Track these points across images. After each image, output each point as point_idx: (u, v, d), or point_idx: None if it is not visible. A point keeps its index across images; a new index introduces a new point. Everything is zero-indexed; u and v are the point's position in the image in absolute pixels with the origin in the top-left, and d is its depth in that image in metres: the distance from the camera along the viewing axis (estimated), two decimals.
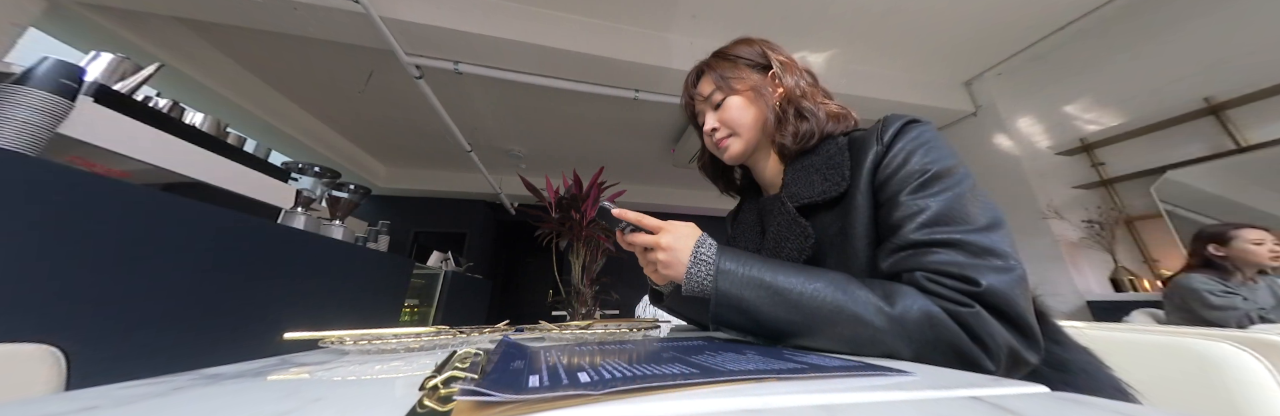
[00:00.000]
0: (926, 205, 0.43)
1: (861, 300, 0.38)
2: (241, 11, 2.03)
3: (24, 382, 0.41)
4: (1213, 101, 2.00)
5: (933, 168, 0.46)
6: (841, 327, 0.38)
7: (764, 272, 0.42)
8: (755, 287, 0.41)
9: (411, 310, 2.80)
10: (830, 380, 0.23)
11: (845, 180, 0.50)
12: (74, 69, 0.85)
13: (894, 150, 0.48)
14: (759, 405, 0.19)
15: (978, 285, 0.37)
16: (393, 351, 0.44)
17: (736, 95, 0.60)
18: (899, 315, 0.37)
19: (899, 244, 0.43)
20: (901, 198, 0.45)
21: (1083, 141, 2.50)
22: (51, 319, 0.71)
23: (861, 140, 0.52)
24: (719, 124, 0.62)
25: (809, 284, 0.40)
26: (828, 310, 0.38)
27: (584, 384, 0.20)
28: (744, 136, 0.61)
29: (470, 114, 3.43)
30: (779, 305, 0.40)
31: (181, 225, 0.93)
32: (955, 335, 0.36)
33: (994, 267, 0.39)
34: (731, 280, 0.42)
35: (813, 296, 0.39)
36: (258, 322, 1.10)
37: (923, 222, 0.42)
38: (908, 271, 0.41)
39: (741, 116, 0.60)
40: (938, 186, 0.44)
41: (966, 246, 0.40)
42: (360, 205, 1.95)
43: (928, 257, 0.41)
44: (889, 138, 0.49)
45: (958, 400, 0.20)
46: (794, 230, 0.52)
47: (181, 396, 0.23)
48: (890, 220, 0.45)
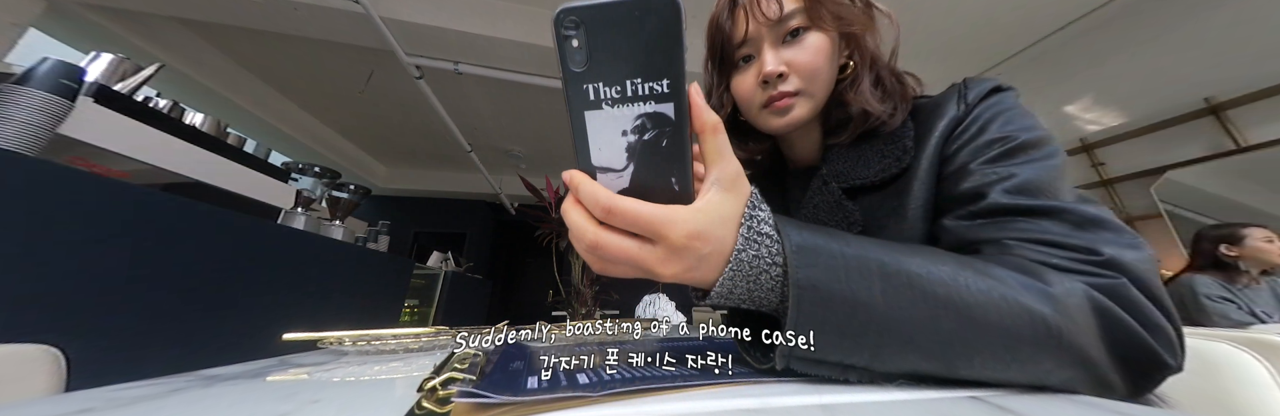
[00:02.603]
0: (1011, 172, 0.34)
1: (1011, 281, 0.25)
2: (242, 12, 2.03)
3: (24, 383, 0.41)
4: (1213, 101, 2.00)
5: (1021, 136, 0.36)
6: (1013, 332, 0.23)
7: (880, 250, 0.25)
8: (872, 277, 0.23)
9: (411, 310, 2.80)
10: (828, 380, 0.23)
11: (908, 153, 0.39)
12: (74, 69, 0.84)
13: (973, 115, 0.39)
14: (758, 405, 0.19)
15: (1099, 254, 0.28)
16: (392, 352, 0.44)
17: (822, 32, 0.42)
18: (1062, 296, 0.25)
19: (978, 209, 0.33)
20: (974, 166, 0.36)
21: (1083, 141, 2.50)
22: (51, 319, 0.71)
23: (931, 105, 0.42)
24: (787, 68, 0.41)
25: (937, 265, 0.25)
26: (987, 306, 0.23)
27: (582, 385, 0.20)
28: (817, 98, 0.43)
29: (470, 114, 3.43)
30: (918, 305, 0.23)
31: (181, 225, 0.93)
32: (1118, 317, 0.25)
33: (1114, 241, 0.29)
34: (829, 265, 0.23)
35: (959, 284, 0.24)
36: (257, 323, 1.10)
37: (1009, 188, 0.33)
38: (993, 241, 0.31)
39: (822, 66, 0.42)
40: (1023, 156, 0.35)
41: (1070, 214, 0.31)
42: (360, 205, 1.95)
43: (1021, 224, 0.31)
44: (974, 100, 0.39)
45: (958, 400, 0.20)
46: (835, 216, 0.42)
47: (180, 398, 0.23)
48: (957, 190, 0.36)
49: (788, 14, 0.41)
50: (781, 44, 0.42)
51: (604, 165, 0.22)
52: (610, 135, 0.22)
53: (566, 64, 0.21)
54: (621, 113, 0.21)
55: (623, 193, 0.22)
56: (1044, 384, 0.24)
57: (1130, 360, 0.25)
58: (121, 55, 1.08)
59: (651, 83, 0.20)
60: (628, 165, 0.22)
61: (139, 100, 1.06)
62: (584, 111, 0.21)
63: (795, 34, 0.42)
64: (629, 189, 0.23)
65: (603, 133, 0.22)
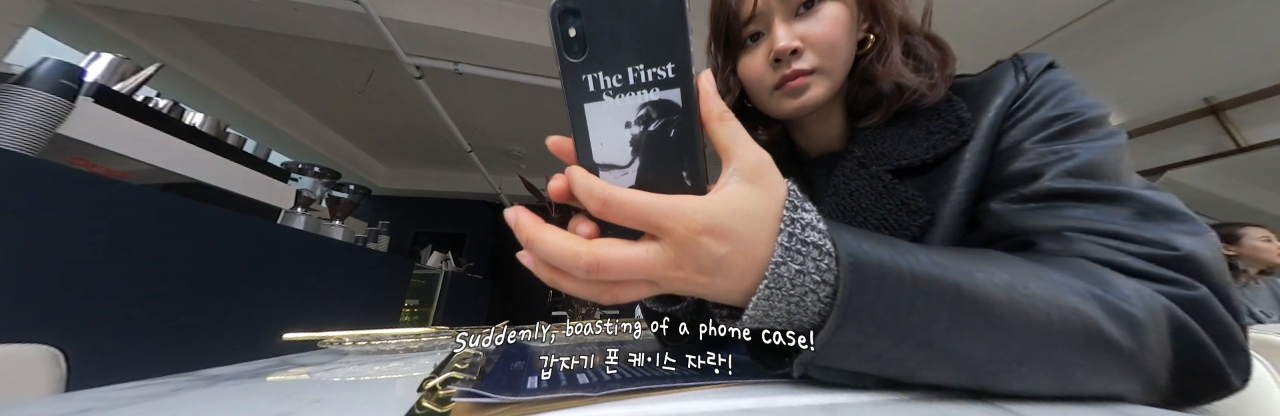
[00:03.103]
0: (1073, 151, 0.30)
1: (1086, 298, 0.22)
2: (242, 12, 2.03)
3: (24, 383, 0.41)
4: (1213, 101, 2.01)
5: (1086, 113, 0.33)
6: (1074, 360, 0.21)
7: (954, 269, 0.21)
8: (941, 308, 0.20)
9: (411, 310, 2.80)
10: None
11: (966, 126, 0.35)
12: (74, 69, 0.85)
13: (1032, 90, 0.35)
14: (759, 405, 0.19)
15: (1176, 249, 0.24)
16: (392, 352, 0.44)
17: (840, 2, 0.38)
18: (1142, 317, 0.22)
19: (1030, 192, 0.30)
20: (1028, 144, 0.32)
21: None
22: (51, 319, 0.71)
23: (982, 81, 0.38)
24: (801, 43, 0.37)
25: (1011, 278, 0.22)
26: (1055, 333, 0.20)
27: (582, 385, 0.20)
28: (835, 75, 0.39)
29: (470, 114, 3.42)
30: (979, 334, 0.20)
31: (181, 225, 0.93)
32: (1197, 340, 0.23)
33: (1187, 232, 0.26)
34: (893, 296, 0.19)
35: (1029, 305, 0.21)
36: (257, 323, 1.10)
37: (1069, 170, 0.30)
38: (1050, 232, 0.28)
39: (840, 39, 0.38)
40: (1084, 135, 0.32)
41: (1137, 201, 0.27)
42: (360, 205, 1.95)
43: (1080, 211, 0.28)
44: (1033, 73, 0.36)
45: (958, 400, 0.20)
46: (889, 203, 0.35)
47: (180, 398, 0.23)
48: (1007, 171, 0.32)
49: None
50: (794, 17, 0.38)
51: (607, 162, 0.20)
52: (613, 128, 0.20)
53: (563, 54, 0.19)
54: (624, 103, 0.19)
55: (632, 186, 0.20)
56: (1083, 395, 0.21)
57: (1194, 378, 0.23)
58: (121, 55, 1.08)
59: (656, 68, 0.19)
60: (633, 160, 0.20)
61: (139, 100, 1.06)
62: (583, 104, 0.20)
63: (809, 5, 0.37)
64: (635, 187, 0.20)
65: (604, 126, 0.20)
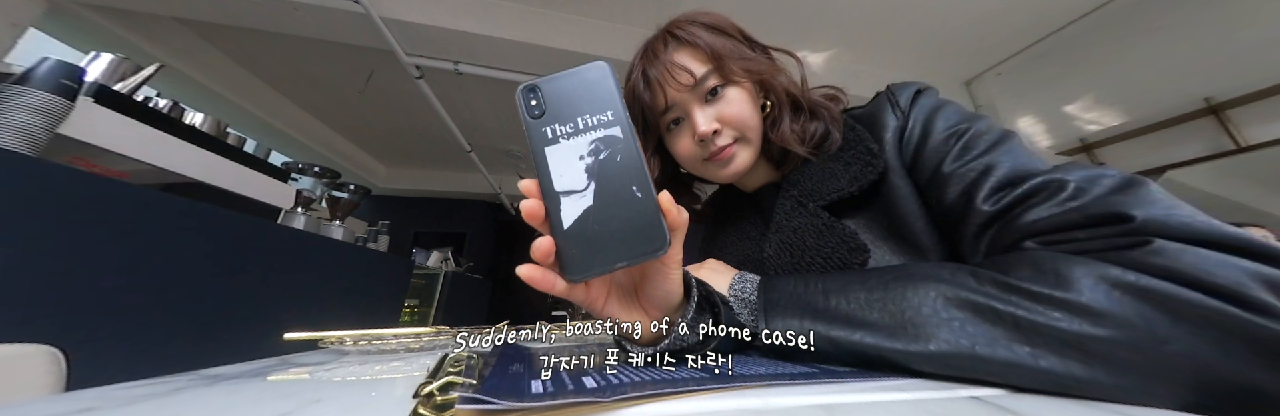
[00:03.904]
0: (986, 165, 0.33)
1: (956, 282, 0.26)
2: (242, 12, 2.03)
3: (24, 383, 0.41)
4: (1213, 101, 2.00)
5: (969, 127, 0.37)
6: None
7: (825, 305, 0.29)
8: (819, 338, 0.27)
9: (411, 310, 2.80)
10: (836, 383, 0.23)
11: (878, 157, 0.39)
12: (74, 69, 0.84)
13: (912, 119, 0.39)
14: (760, 405, 0.19)
15: (1129, 220, 0.24)
16: (392, 351, 0.44)
17: (737, 86, 0.44)
18: (1101, 310, 0.21)
19: (980, 221, 0.32)
20: (945, 168, 0.35)
21: (1083, 141, 2.50)
22: (51, 319, 0.71)
23: (869, 116, 0.43)
24: (720, 124, 0.43)
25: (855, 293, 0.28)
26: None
27: (591, 389, 0.20)
28: (754, 142, 0.45)
29: (470, 114, 3.42)
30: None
31: (181, 225, 0.93)
32: (1166, 294, 0.21)
33: (1125, 189, 0.26)
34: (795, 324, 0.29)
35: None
36: (257, 323, 1.10)
37: (993, 186, 0.32)
38: (1011, 245, 0.29)
39: (748, 116, 0.44)
40: (982, 144, 0.35)
41: (1065, 181, 0.29)
42: (360, 205, 1.95)
43: (1029, 216, 0.29)
44: (906, 105, 0.41)
45: (958, 400, 0.20)
46: (831, 242, 0.39)
47: (181, 397, 0.23)
48: (947, 200, 0.35)
49: (701, 77, 0.42)
50: (705, 103, 0.44)
51: (566, 189, 0.24)
52: (569, 162, 0.24)
53: (527, 115, 0.24)
54: (577, 142, 0.24)
55: (588, 210, 0.23)
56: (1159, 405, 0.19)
57: (1239, 343, 0.19)
58: (121, 55, 1.08)
59: (599, 115, 0.24)
60: (588, 184, 0.24)
61: (139, 100, 1.06)
62: (545, 148, 0.24)
63: (715, 92, 0.43)
64: (594, 205, 0.23)
65: (562, 162, 0.24)
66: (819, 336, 0.27)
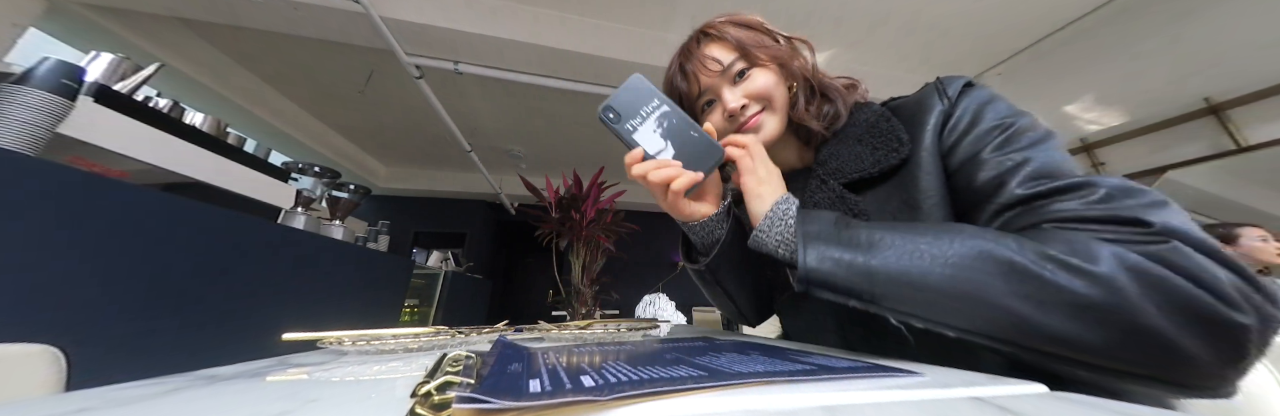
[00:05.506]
0: (1025, 158, 0.36)
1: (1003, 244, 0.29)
2: (242, 12, 2.03)
3: (24, 383, 0.41)
4: (1213, 101, 2.00)
5: (1016, 121, 0.39)
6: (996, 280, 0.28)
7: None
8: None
9: (411, 310, 2.80)
10: (835, 381, 0.23)
11: (905, 145, 0.43)
12: (74, 69, 0.84)
13: (960, 109, 0.42)
14: (760, 405, 0.19)
15: (1148, 225, 0.28)
16: (392, 352, 0.44)
17: (763, 68, 0.50)
18: (1107, 276, 0.26)
19: (1006, 201, 0.35)
20: (985, 155, 0.38)
21: (1083, 141, 2.50)
22: (51, 319, 0.71)
23: (914, 103, 0.46)
24: (747, 98, 0.49)
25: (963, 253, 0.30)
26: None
27: (588, 388, 0.20)
28: (780, 111, 0.50)
29: (470, 114, 3.43)
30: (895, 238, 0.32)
31: (181, 225, 0.93)
32: (1172, 283, 0.26)
33: (1149, 203, 0.30)
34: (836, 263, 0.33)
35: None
36: (256, 323, 1.10)
37: (1029, 175, 0.35)
38: (1031, 227, 0.32)
39: (774, 90, 0.49)
40: (1025, 139, 0.38)
41: (1099, 186, 0.31)
42: (360, 205, 1.94)
43: (1056, 206, 0.32)
44: (954, 94, 0.43)
45: (959, 400, 0.20)
46: (840, 209, 0.44)
47: (179, 397, 0.23)
48: (976, 182, 0.37)
49: (729, 63, 0.50)
50: (734, 84, 0.50)
51: (654, 152, 0.41)
52: (649, 137, 0.41)
53: (610, 122, 0.41)
54: (648, 125, 0.41)
55: (675, 156, 0.41)
56: (1114, 360, 0.26)
57: (1199, 323, 0.25)
58: (121, 55, 1.08)
59: (649, 105, 0.42)
60: (665, 145, 0.41)
61: (139, 100, 1.06)
62: (632, 136, 0.41)
63: (742, 74, 0.50)
64: (676, 155, 0.41)
65: (644, 138, 0.41)
66: (843, 237, 0.34)
